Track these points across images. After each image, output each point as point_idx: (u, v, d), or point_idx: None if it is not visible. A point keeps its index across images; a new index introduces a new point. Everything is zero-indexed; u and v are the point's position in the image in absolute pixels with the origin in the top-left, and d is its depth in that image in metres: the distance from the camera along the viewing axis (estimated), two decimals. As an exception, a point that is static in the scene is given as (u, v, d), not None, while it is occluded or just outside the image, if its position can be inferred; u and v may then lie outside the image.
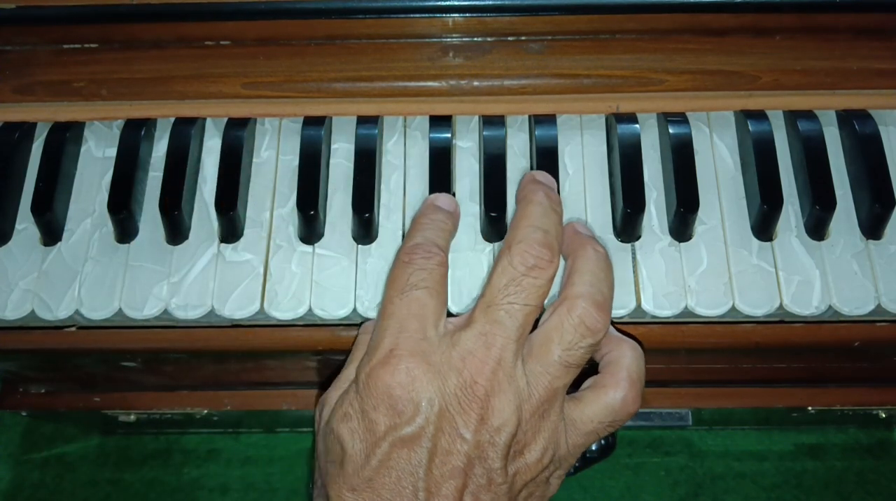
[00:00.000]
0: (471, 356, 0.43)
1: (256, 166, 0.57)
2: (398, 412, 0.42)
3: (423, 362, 0.43)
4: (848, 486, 0.87)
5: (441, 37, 0.59)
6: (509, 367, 0.43)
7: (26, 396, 0.76)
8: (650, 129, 0.58)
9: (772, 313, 0.53)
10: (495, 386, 0.43)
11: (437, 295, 0.45)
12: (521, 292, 0.44)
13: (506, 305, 0.44)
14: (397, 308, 0.45)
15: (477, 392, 0.42)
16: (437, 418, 0.42)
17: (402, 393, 0.42)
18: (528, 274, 0.45)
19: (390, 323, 0.44)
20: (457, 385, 0.43)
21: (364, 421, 0.43)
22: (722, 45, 0.58)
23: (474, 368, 0.43)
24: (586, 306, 0.45)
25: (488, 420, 0.42)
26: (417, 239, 0.48)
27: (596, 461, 0.83)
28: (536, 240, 0.45)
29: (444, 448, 0.42)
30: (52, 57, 0.59)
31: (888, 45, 0.58)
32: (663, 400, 0.75)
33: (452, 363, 0.43)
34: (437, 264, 0.46)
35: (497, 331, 0.44)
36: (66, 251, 0.55)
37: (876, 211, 0.53)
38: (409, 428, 0.42)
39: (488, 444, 0.42)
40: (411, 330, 0.44)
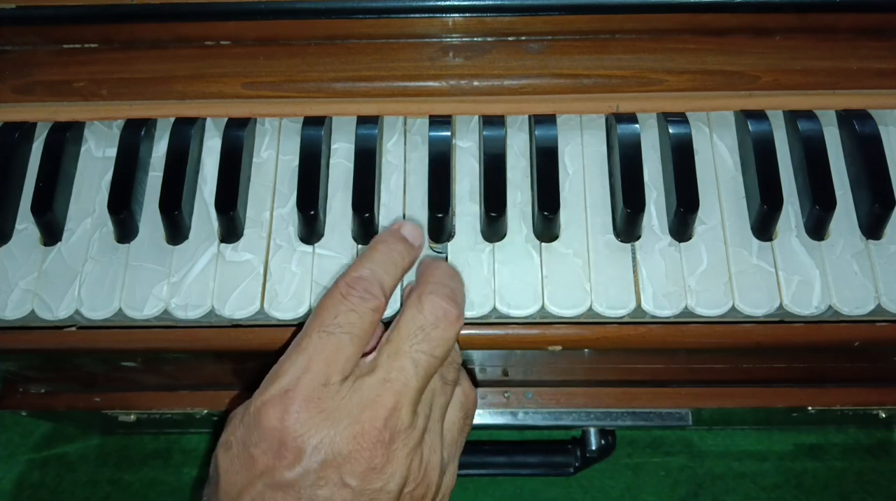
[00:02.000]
0: (369, 404, 0.42)
1: (256, 166, 0.57)
2: (279, 455, 0.41)
3: (315, 408, 0.41)
4: (848, 486, 0.86)
5: (441, 37, 0.59)
6: (406, 419, 0.42)
7: (26, 396, 0.76)
8: (650, 129, 0.58)
9: (772, 313, 0.53)
10: (390, 436, 0.42)
11: (358, 342, 0.44)
12: (427, 341, 0.44)
13: (411, 353, 0.43)
14: (313, 344, 0.43)
15: (369, 442, 0.41)
16: (320, 466, 0.41)
17: (286, 437, 0.41)
18: (437, 323, 0.44)
19: (298, 359, 0.43)
20: (349, 436, 0.41)
21: (244, 455, 0.42)
22: (722, 45, 0.58)
23: (370, 416, 0.42)
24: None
25: (379, 471, 0.41)
26: (364, 271, 0.46)
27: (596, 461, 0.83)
28: (446, 294, 0.45)
29: (324, 496, 0.41)
30: (52, 57, 0.60)
31: (888, 45, 0.58)
32: (663, 400, 0.75)
33: (348, 410, 0.42)
34: (372, 309, 0.44)
35: (399, 381, 0.43)
36: (66, 251, 0.55)
37: (876, 211, 0.53)
38: (287, 473, 0.40)
39: (377, 492, 0.41)
40: (314, 373, 0.42)
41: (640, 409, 0.75)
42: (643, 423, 0.76)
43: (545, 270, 0.54)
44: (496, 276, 0.53)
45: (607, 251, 0.54)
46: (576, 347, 0.55)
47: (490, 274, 0.53)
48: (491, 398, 0.77)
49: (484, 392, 0.78)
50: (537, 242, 0.54)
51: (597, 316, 0.53)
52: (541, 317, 0.53)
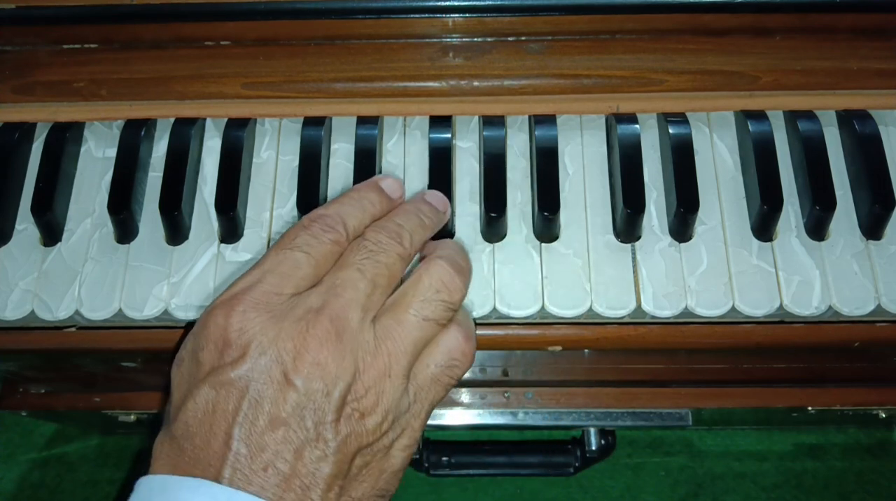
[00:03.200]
0: (314, 307, 0.41)
1: (256, 166, 0.57)
2: (223, 353, 0.40)
3: (263, 309, 0.41)
4: (848, 486, 0.87)
5: (441, 37, 0.59)
6: (355, 320, 0.41)
7: (26, 396, 0.76)
8: (650, 129, 0.58)
9: (772, 313, 0.53)
10: (336, 335, 0.40)
11: (314, 263, 0.43)
12: (375, 253, 0.43)
13: (357, 263, 0.43)
14: (268, 261, 0.43)
15: (314, 336, 0.40)
16: (266, 364, 0.39)
17: (230, 335, 0.40)
18: (383, 245, 0.44)
19: (253, 272, 0.42)
20: (293, 330, 0.40)
21: (191, 362, 0.41)
22: (722, 45, 0.58)
23: (315, 316, 0.40)
24: (444, 265, 0.44)
25: (323, 368, 0.39)
26: (329, 210, 0.45)
27: (596, 461, 0.83)
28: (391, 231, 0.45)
29: (269, 395, 0.39)
30: (52, 57, 0.60)
31: (888, 45, 0.58)
32: (663, 400, 0.75)
33: (295, 313, 0.41)
34: (331, 240, 0.44)
35: (346, 285, 0.42)
36: (66, 251, 0.55)
37: (876, 211, 0.53)
38: (231, 371, 0.39)
39: (320, 394, 0.39)
40: (267, 283, 0.41)
41: (640, 409, 0.75)
42: (643, 423, 0.76)
43: (545, 270, 0.54)
44: (496, 276, 0.53)
45: (607, 251, 0.54)
46: (576, 347, 0.55)
47: (490, 274, 0.53)
48: (491, 398, 0.77)
49: (484, 392, 0.78)
50: (537, 242, 0.54)
51: (597, 316, 0.53)
52: (541, 318, 0.53)
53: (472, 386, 0.77)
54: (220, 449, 0.38)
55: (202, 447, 0.38)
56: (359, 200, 0.46)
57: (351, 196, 0.47)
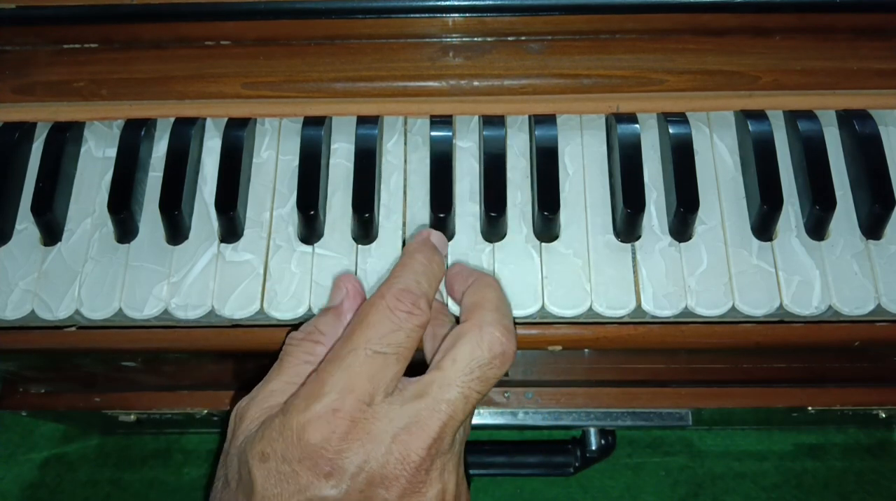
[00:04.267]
0: (415, 427, 0.42)
1: (256, 166, 0.57)
2: (324, 472, 0.41)
3: (361, 430, 0.41)
4: (848, 486, 0.87)
5: (441, 37, 0.59)
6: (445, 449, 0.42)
7: (26, 396, 0.76)
8: (650, 129, 0.58)
9: (772, 313, 0.53)
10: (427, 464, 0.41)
11: (403, 361, 0.43)
12: (482, 381, 0.43)
13: (463, 388, 0.43)
14: (358, 362, 0.42)
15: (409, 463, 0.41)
16: (363, 485, 0.41)
17: (331, 456, 0.41)
18: (494, 361, 0.43)
19: (342, 377, 0.42)
20: (393, 455, 0.41)
21: (284, 468, 0.41)
22: (722, 45, 0.58)
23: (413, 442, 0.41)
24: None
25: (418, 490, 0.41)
26: (411, 282, 0.45)
27: (596, 461, 0.83)
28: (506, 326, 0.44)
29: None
30: (52, 57, 0.60)
31: (888, 45, 0.58)
32: (663, 400, 0.75)
33: (394, 431, 0.41)
34: (418, 326, 0.44)
35: (448, 410, 0.42)
36: (66, 251, 0.55)
37: (876, 211, 0.53)
38: (329, 491, 0.41)
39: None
40: (360, 392, 0.42)
41: (640, 409, 0.75)
42: (643, 423, 0.76)
43: (545, 270, 0.54)
44: (496, 276, 0.53)
45: (607, 251, 0.54)
46: (576, 347, 0.55)
47: (490, 274, 0.53)
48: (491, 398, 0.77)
49: (484, 392, 0.78)
50: (537, 242, 0.54)
51: (597, 316, 0.53)
52: (541, 317, 0.53)
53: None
54: None
55: None
56: (428, 264, 0.46)
57: (418, 260, 0.46)
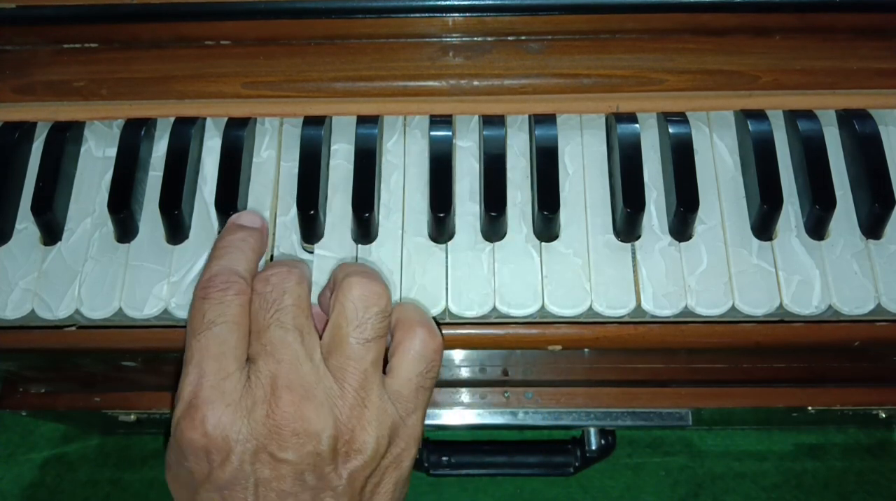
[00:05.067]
0: (267, 381, 0.43)
1: (256, 166, 0.57)
2: (209, 460, 0.42)
3: (223, 405, 0.42)
4: (848, 486, 0.87)
5: (441, 36, 0.59)
6: (308, 372, 0.43)
7: (26, 396, 0.76)
8: (650, 129, 0.58)
9: (772, 313, 0.53)
10: (301, 397, 0.42)
11: (237, 327, 0.44)
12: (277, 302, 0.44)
13: (272, 319, 0.44)
14: (195, 351, 0.44)
15: (284, 410, 0.42)
16: (252, 453, 0.42)
17: (207, 442, 0.42)
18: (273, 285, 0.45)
19: (190, 370, 0.43)
20: (262, 414, 0.42)
21: (183, 473, 0.43)
22: (722, 45, 0.58)
23: (272, 389, 0.42)
24: (356, 280, 0.44)
25: (304, 433, 0.42)
26: (214, 269, 0.46)
27: (596, 461, 0.83)
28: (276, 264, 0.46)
29: (266, 477, 0.42)
30: (52, 57, 0.60)
31: (888, 45, 0.58)
32: (663, 400, 0.75)
33: (254, 395, 0.42)
34: (235, 294, 0.45)
35: (278, 346, 0.43)
36: (66, 251, 0.55)
37: (876, 211, 0.53)
38: (223, 473, 0.42)
39: (312, 455, 0.42)
40: (210, 374, 0.43)
41: (640, 409, 0.75)
42: (643, 423, 0.76)
43: (545, 270, 0.54)
44: (496, 276, 0.53)
45: (607, 251, 0.54)
46: (576, 347, 0.55)
47: (490, 273, 0.53)
48: (491, 398, 0.77)
49: (484, 392, 0.78)
50: (537, 242, 0.54)
51: (597, 315, 0.53)
52: (541, 317, 0.53)
53: (472, 386, 0.77)
54: None
55: None
56: (231, 245, 0.48)
57: (220, 248, 0.49)
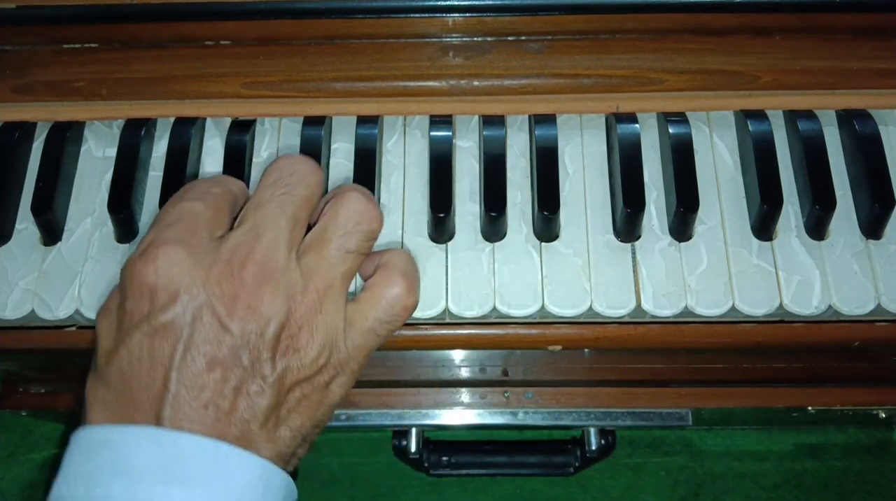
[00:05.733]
0: (239, 248, 0.41)
1: (257, 166, 0.57)
2: (152, 300, 0.40)
3: (183, 251, 0.40)
4: (848, 486, 0.87)
5: (441, 37, 0.59)
6: (282, 259, 0.41)
7: (26, 396, 0.76)
8: (650, 129, 0.58)
9: (772, 313, 0.53)
10: (265, 276, 0.40)
11: (213, 209, 0.43)
12: (290, 187, 0.43)
13: (276, 198, 0.43)
14: (167, 214, 0.43)
15: (244, 279, 0.40)
16: (198, 307, 0.39)
17: (157, 281, 0.40)
18: (295, 173, 0.44)
19: (157, 225, 0.42)
20: (221, 273, 0.40)
21: (119, 313, 0.41)
22: (722, 45, 0.58)
23: (242, 257, 0.40)
24: (358, 196, 0.44)
25: (256, 310, 0.40)
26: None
27: (596, 461, 0.83)
28: (303, 159, 0.45)
29: (204, 337, 0.39)
30: (52, 57, 0.60)
31: (888, 45, 0.58)
32: (663, 400, 0.75)
33: (219, 255, 0.41)
34: (220, 190, 0.44)
35: (267, 224, 0.42)
36: (66, 251, 0.55)
37: (876, 211, 0.53)
38: (163, 316, 0.39)
39: (255, 335, 0.40)
40: (178, 228, 0.41)
41: (640, 409, 0.75)
42: (643, 423, 0.76)
43: (545, 270, 0.54)
44: (496, 276, 0.53)
45: (607, 251, 0.54)
46: (576, 347, 0.55)
47: (490, 273, 0.53)
48: (491, 398, 0.77)
49: (484, 392, 0.78)
50: (537, 242, 0.54)
51: (597, 315, 0.53)
52: (541, 317, 0.53)
53: (472, 386, 0.77)
54: (158, 392, 0.38)
55: (140, 391, 0.39)
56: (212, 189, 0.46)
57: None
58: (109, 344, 0.41)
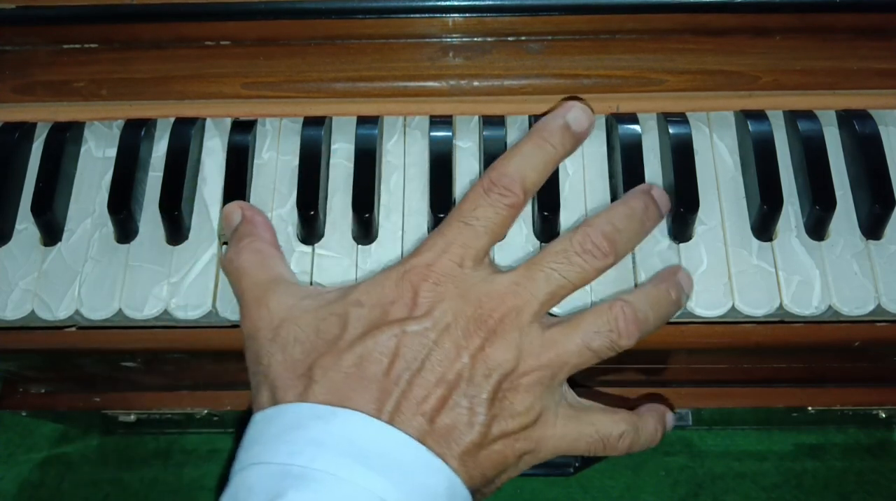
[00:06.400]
0: (496, 295, 0.45)
1: (257, 167, 0.57)
2: (411, 310, 0.44)
3: (450, 282, 0.45)
4: (848, 486, 0.86)
5: (441, 37, 0.59)
6: (525, 320, 0.45)
7: (26, 396, 0.76)
8: (650, 130, 0.58)
9: (772, 313, 0.53)
10: (506, 328, 0.44)
11: (492, 234, 0.47)
12: (566, 266, 0.46)
13: (547, 269, 0.46)
14: (451, 230, 0.46)
15: (488, 324, 0.44)
16: (444, 330, 0.44)
17: (420, 299, 0.44)
18: (580, 254, 0.46)
19: (438, 241, 0.46)
20: (473, 313, 0.44)
21: (376, 309, 0.45)
22: (722, 45, 0.58)
23: (493, 305, 0.45)
24: (628, 311, 0.46)
25: (488, 353, 0.44)
26: (510, 167, 0.47)
27: (596, 461, 0.83)
28: (604, 231, 0.47)
29: (441, 358, 0.44)
30: (52, 57, 0.59)
31: (888, 45, 0.58)
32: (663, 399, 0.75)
33: (477, 294, 0.45)
34: (508, 205, 0.47)
35: (528, 286, 0.45)
36: (66, 251, 0.55)
37: (876, 211, 0.53)
38: (416, 326, 0.44)
39: (481, 374, 0.44)
40: (452, 254, 0.46)
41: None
42: (643, 423, 0.76)
43: (545, 270, 0.53)
44: (496, 276, 0.53)
45: (607, 251, 0.54)
46: (576, 347, 0.55)
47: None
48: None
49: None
50: (537, 242, 0.54)
51: (597, 316, 0.53)
52: (541, 317, 0.53)
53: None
54: (388, 387, 0.43)
55: (370, 381, 0.43)
56: (541, 147, 0.48)
57: (530, 143, 0.48)
58: (356, 332, 0.44)
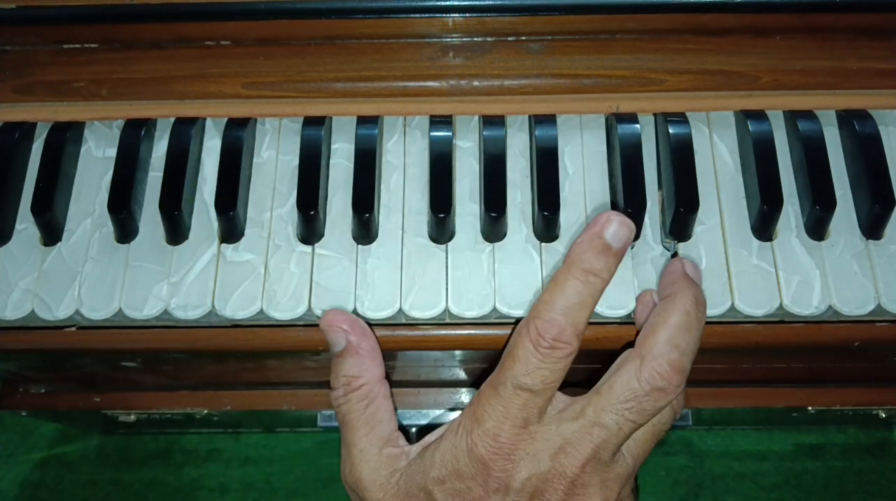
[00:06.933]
0: (569, 447, 0.45)
1: (257, 166, 0.57)
2: (493, 488, 0.45)
3: (522, 451, 0.45)
4: (848, 486, 0.86)
5: (441, 37, 0.59)
6: (603, 466, 0.45)
7: (26, 396, 0.76)
8: (650, 129, 0.58)
9: (772, 313, 0.53)
10: (584, 479, 0.45)
11: (551, 389, 0.46)
12: (638, 412, 0.45)
13: (618, 416, 0.45)
14: (507, 394, 0.45)
15: (565, 478, 0.45)
16: (528, 497, 0.45)
17: (500, 474, 0.45)
18: (651, 394, 0.45)
19: (496, 405, 0.45)
20: (549, 469, 0.45)
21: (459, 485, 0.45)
22: (722, 45, 0.58)
23: (568, 461, 0.45)
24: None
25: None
26: (556, 312, 0.45)
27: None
28: (671, 361, 0.45)
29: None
30: (52, 57, 0.60)
31: (888, 45, 0.58)
32: (663, 400, 0.75)
33: (549, 450, 0.45)
34: (562, 358, 0.45)
35: (601, 435, 0.45)
36: (66, 251, 0.55)
37: (876, 211, 0.53)
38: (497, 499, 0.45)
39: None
40: (513, 420, 0.45)
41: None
42: (643, 423, 0.76)
43: (545, 270, 0.54)
44: (496, 276, 0.53)
45: (607, 251, 0.54)
46: (576, 347, 0.55)
47: (490, 274, 0.53)
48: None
49: (484, 392, 0.77)
50: (537, 242, 0.54)
51: (597, 316, 0.53)
52: (541, 317, 0.53)
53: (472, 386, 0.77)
54: None
55: None
56: (585, 281, 0.45)
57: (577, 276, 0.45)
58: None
